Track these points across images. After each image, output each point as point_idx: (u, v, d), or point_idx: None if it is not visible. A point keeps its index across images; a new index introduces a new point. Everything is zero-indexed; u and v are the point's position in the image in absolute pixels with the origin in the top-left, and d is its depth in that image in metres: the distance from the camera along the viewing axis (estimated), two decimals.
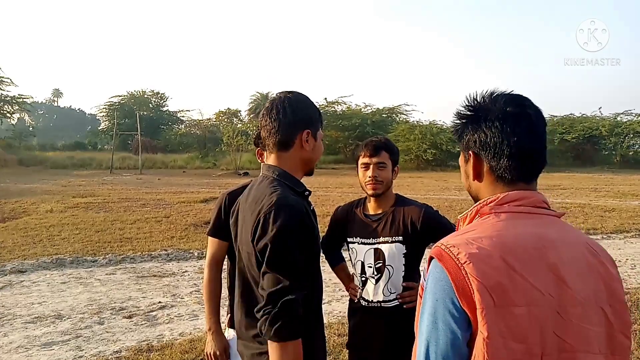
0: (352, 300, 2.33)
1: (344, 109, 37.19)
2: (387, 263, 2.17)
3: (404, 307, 2.13)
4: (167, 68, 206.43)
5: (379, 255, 2.18)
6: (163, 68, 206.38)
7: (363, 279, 2.23)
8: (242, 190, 1.96)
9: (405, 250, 2.15)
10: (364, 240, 2.23)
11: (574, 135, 33.22)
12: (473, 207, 1.06)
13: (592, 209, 11.34)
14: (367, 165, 2.22)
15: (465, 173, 1.11)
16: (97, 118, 56.64)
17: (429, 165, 29.92)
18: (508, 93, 1.08)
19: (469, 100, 1.09)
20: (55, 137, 61.44)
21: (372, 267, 2.20)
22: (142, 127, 33.04)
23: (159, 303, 5.05)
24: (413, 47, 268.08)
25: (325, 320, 4.41)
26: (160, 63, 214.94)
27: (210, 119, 43.32)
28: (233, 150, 28.00)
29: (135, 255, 7.01)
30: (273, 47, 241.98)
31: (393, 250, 2.16)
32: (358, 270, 2.25)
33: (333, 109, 36.81)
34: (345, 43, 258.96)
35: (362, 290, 2.24)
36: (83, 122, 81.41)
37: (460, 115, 1.10)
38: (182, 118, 47.99)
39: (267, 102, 1.60)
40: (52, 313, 4.72)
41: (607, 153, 35.16)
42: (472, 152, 1.07)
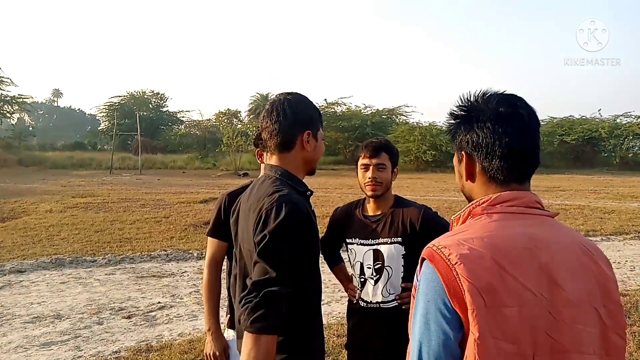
0: (350, 301, 2.33)
1: (344, 110, 37.19)
2: (386, 264, 2.17)
3: (403, 307, 2.13)
4: (167, 68, 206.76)
5: (378, 256, 2.19)
6: (163, 68, 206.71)
7: (362, 280, 2.23)
8: (242, 191, 1.97)
9: (404, 251, 2.16)
10: (363, 241, 2.23)
11: (574, 137, 33.26)
12: (466, 207, 1.06)
13: (591, 211, 11.36)
14: (366, 167, 2.23)
15: (459, 173, 1.11)
16: (96, 118, 56.75)
17: (429, 167, 29.92)
18: (501, 93, 1.07)
19: (462, 100, 1.08)
20: (55, 137, 61.45)
21: (371, 268, 2.20)
22: (141, 127, 33.05)
23: (158, 303, 5.05)
24: (413, 48, 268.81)
25: (325, 321, 4.40)
26: (161, 63, 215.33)
27: (210, 120, 43.38)
28: (233, 151, 28.00)
29: (135, 256, 7.01)
30: (273, 48, 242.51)
31: (392, 251, 2.16)
32: (357, 271, 2.25)
33: (333, 110, 36.79)
34: (346, 44, 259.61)
35: (361, 291, 2.24)
36: (83, 122, 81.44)
37: (453, 116, 1.10)
38: (182, 118, 48.02)
39: (267, 104, 1.61)
40: (51, 313, 4.72)
41: (606, 155, 35.22)
42: (464, 152, 1.07)
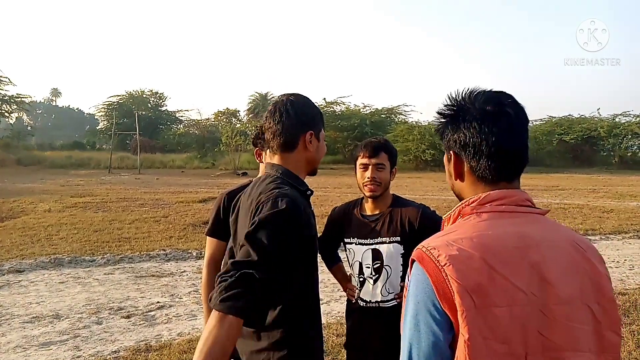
0: (349, 301, 2.33)
1: (343, 110, 37.21)
2: (385, 263, 2.17)
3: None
4: (165, 68, 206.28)
5: (377, 256, 2.19)
6: (162, 68, 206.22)
7: (361, 280, 2.23)
8: (241, 190, 1.97)
9: (403, 251, 2.16)
10: (362, 241, 2.23)
11: (573, 136, 33.29)
12: (456, 207, 1.05)
13: (590, 210, 11.37)
14: (365, 166, 2.23)
15: (449, 172, 1.11)
16: (95, 118, 56.72)
17: (428, 166, 29.92)
18: (488, 91, 1.06)
19: (450, 99, 1.08)
20: (54, 136, 61.36)
21: (370, 267, 2.20)
22: (140, 126, 33.05)
23: (158, 303, 5.04)
24: (412, 47, 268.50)
25: (324, 321, 4.40)
26: (159, 63, 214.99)
27: (209, 119, 43.32)
28: (232, 151, 28.00)
29: (134, 255, 7.01)
30: (272, 47, 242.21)
31: (391, 251, 2.16)
32: (356, 271, 2.25)
33: (332, 109, 36.80)
34: (344, 43, 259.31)
35: (360, 291, 2.24)
36: (81, 121, 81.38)
37: (441, 115, 1.09)
38: (180, 118, 48.04)
39: (270, 104, 1.62)
40: (50, 313, 4.71)
41: (605, 154, 35.26)
42: (453, 152, 1.07)
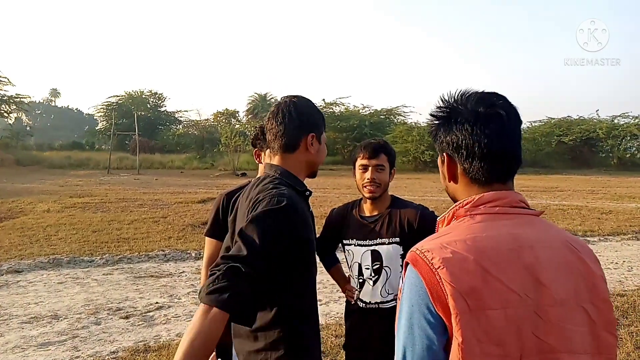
0: (349, 302, 2.33)
1: (342, 110, 37.27)
2: (384, 264, 2.18)
3: None
4: (165, 68, 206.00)
5: (377, 257, 2.19)
6: (161, 68, 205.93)
7: (360, 281, 2.23)
8: (240, 191, 1.97)
9: (403, 251, 2.16)
10: (361, 242, 2.23)
11: (571, 138, 33.36)
12: (450, 209, 1.05)
13: (589, 211, 11.38)
14: (365, 167, 2.23)
15: (442, 174, 1.10)
16: (94, 118, 56.65)
17: (427, 167, 29.94)
18: (480, 92, 1.06)
19: (442, 101, 1.07)
20: (53, 136, 61.29)
21: (369, 268, 2.20)
22: (139, 127, 33.05)
23: (156, 303, 5.04)
24: (412, 48, 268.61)
25: (323, 321, 4.40)
26: (159, 63, 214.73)
27: (208, 120, 43.39)
28: (231, 151, 28.01)
29: (133, 256, 7.00)
30: (271, 48, 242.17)
31: (390, 252, 2.16)
32: (355, 272, 2.25)
33: (331, 110, 36.85)
34: (344, 44, 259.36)
35: (359, 292, 2.24)
36: (80, 122, 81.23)
37: (434, 117, 1.09)
38: (180, 118, 48.01)
39: (272, 106, 1.64)
40: (48, 313, 4.71)
41: (604, 155, 35.32)
42: (446, 153, 1.06)
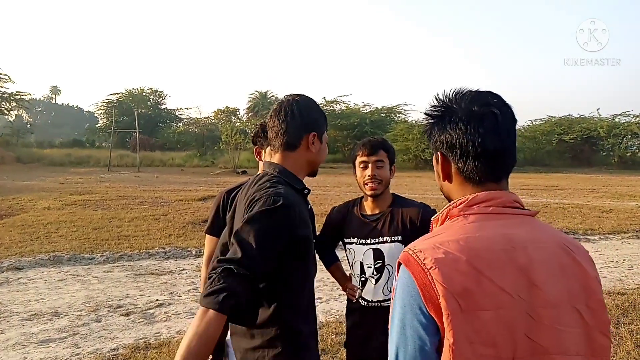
0: (350, 300, 2.32)
1: (343, 108, 37.29)
2: (387, 263, 2.17)
3: None
4: (165, 66, 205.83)
5: (379, 255, 2.18)
6: (162, 66, 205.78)
7: (362, 279, 2.22)
8: (240, 188, 1.96)
9: None
10: (363, 241, 2.22)
11: (572, 136, 33.35)
12: (444, 208, 1.04)
13: (589, 210, 11.38)
14: (365, 164, 2.22)
15: (437, 173, 1.10)
16: (95, 115, 56.67)
17: (428, 165, 29.92)
18: (474, 91, 1.05)
19: (436, 100, 1.07)
20: (53, 134, 61.29)
21: (371, 267, 2.19)
22: (140, 124, 33.07)
23: (157, 301, 5.04)
24: (413, 46, 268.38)
25: (323, 319, 4.41)
26: (159, 61, 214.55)
27: (209, 117, 43.41)
28: (231, 149, 28.02)
29: (133, 253, 7.00)
30: (272, 46, 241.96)
31: (393, 250, 2.15)
32: (357, 271, 2.24)
33: (332, 108, 36.87)
34: (344, 42, 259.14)
35: (361, 290, 2.23)
36: (81, 119, 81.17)
37: (428, 115, 1.08)
38: (180, 116, 48.06)
39: (274, 104, 1.64)
40: (49, 310, 4.71)
41: (604, 154, 35.32)
42: (440, 153, 1.06)
